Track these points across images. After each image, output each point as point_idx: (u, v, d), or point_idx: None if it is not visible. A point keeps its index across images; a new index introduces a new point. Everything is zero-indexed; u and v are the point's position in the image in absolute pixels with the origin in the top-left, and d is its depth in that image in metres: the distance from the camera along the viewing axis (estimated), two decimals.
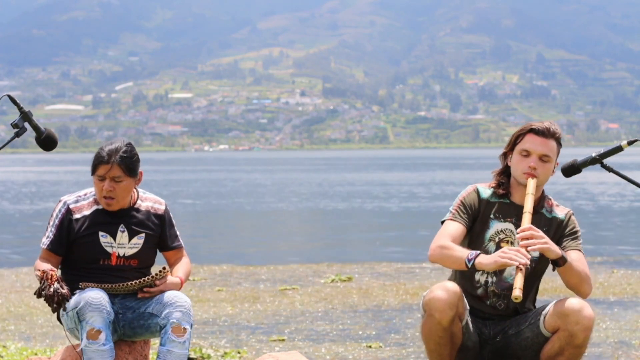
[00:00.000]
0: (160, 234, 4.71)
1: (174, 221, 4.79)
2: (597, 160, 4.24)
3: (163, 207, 4.73)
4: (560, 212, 4.40)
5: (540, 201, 4.38)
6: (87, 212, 4.59)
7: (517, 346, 4.26)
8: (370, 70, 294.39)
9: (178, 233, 4.80)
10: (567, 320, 4.09)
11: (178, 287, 4.60)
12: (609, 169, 4.24)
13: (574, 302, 4.12)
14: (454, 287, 4.13)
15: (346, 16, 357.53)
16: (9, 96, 4.18)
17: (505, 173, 4.42)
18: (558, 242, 4.31)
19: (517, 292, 3.94)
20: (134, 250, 4.61)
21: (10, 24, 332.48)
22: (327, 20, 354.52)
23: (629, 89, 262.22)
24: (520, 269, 4.00)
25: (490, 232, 4.33)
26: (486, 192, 4.40)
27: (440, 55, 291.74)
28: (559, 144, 4.35)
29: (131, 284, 4.49)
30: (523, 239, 4.09)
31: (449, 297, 4.07)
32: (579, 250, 4.33)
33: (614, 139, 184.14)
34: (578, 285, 4.22)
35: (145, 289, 4.50)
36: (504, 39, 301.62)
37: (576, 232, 4.38)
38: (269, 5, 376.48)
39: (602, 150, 4.26)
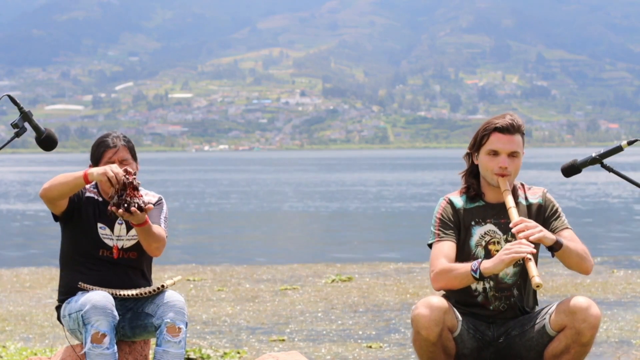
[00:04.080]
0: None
1: (164, 211, 4.69)
2: (597, 160, 4.19)
3: (156, 199, 4.69)
4: (536, 195, 4.34)
5: (514, 192, 4.32)
6: (93, 197, 4.61)
7: (521, 347, 4.23)
8: (370, 70, 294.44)
9: (163, 221, 4.64)
10: (574, 318, 4.05)
11: (143, 218, 4.38)
12: (609, 169, 4.20)
13: (581, 300, 4.08)
14: (439, 302, 4.07)
15: (346, 16, 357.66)
16: (9, 96, 4.16)
17: (472, 173, 4.35)
18: (544, 225, 4.26)
19: (536, 280, 3.88)
20: (132, 242, 4.60)
21: (10, 24, 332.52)
22: (327, 20, 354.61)
23: (629, 89, 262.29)
24: (530, 259, 3.96)
25: (475, 239, 4.27)
26: (459, 200, 4.34)
27: (440, 55, 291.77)
28: (523, 135, 4.29)
29: (131, 294, 4.48)
30: (519, 231, 4.04)
31: (432, 314, 4.02)
32: (567, 227, 4.28)
33: (614, 139, 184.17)
34: (579, 265, 4.17)
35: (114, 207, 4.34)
36: (504, 39, 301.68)
37: (557, 209, 4.32)
38: (269, 5, 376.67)
39: (602, 150, 4.21)
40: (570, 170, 4.27)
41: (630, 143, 4.18)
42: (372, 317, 8.61)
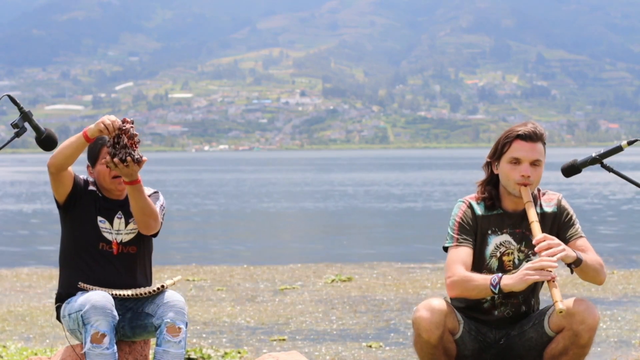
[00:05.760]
0: None
1: (160, 199, 4.68)
2: (597, 160, 4.19)
3: (151, 192, 4.68)
4: (551, 202, 4.29)
5: (532, 200, 4.26)
6: (95, 190, 4.61)
7: (520, 347, 4.23)
8: (370, 70, 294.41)
9: (159, 208, 4.63)
10: (572, 320, 4.04)
11: (136, 175, 4.40)
12: (609, 169, 4.19)
13: (579, 302, 4.07)
14: (439, 304, 4.07)
15: (346, 16, 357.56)
16: (9, 96, 4.17)
17: (491, 182, 4.27)
18: (559, 234, 4.24)
19: (560, 306, 3.83)
20: (131, 236, 4.60)
21: (10, 24, 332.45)
22: (327, 20, 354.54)
23: (629, 89, 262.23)
24: (554, 283, 3.91)
25: (490, 249, 4.23)
26: (479, 207, 4.26)
27: (440, 55, 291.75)
28: (545, 144, 4.22)
29: (130, 294, 4.49)
30: (542, 250, 3.97)
31: (433, 317, 4.03)
32: (581, 236, 4.25)
33: (614, 139, 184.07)
34: (594, 278, 4.14)
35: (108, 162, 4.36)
36: (504, 39, 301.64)
37: (571, 217, 4.28)
38: (269, 5, 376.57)
39: (602, 150, 4.21)
40: (570, 170, 4.25)
41: (630, 143, 4.17)
42: (372, 317, 8.61)
